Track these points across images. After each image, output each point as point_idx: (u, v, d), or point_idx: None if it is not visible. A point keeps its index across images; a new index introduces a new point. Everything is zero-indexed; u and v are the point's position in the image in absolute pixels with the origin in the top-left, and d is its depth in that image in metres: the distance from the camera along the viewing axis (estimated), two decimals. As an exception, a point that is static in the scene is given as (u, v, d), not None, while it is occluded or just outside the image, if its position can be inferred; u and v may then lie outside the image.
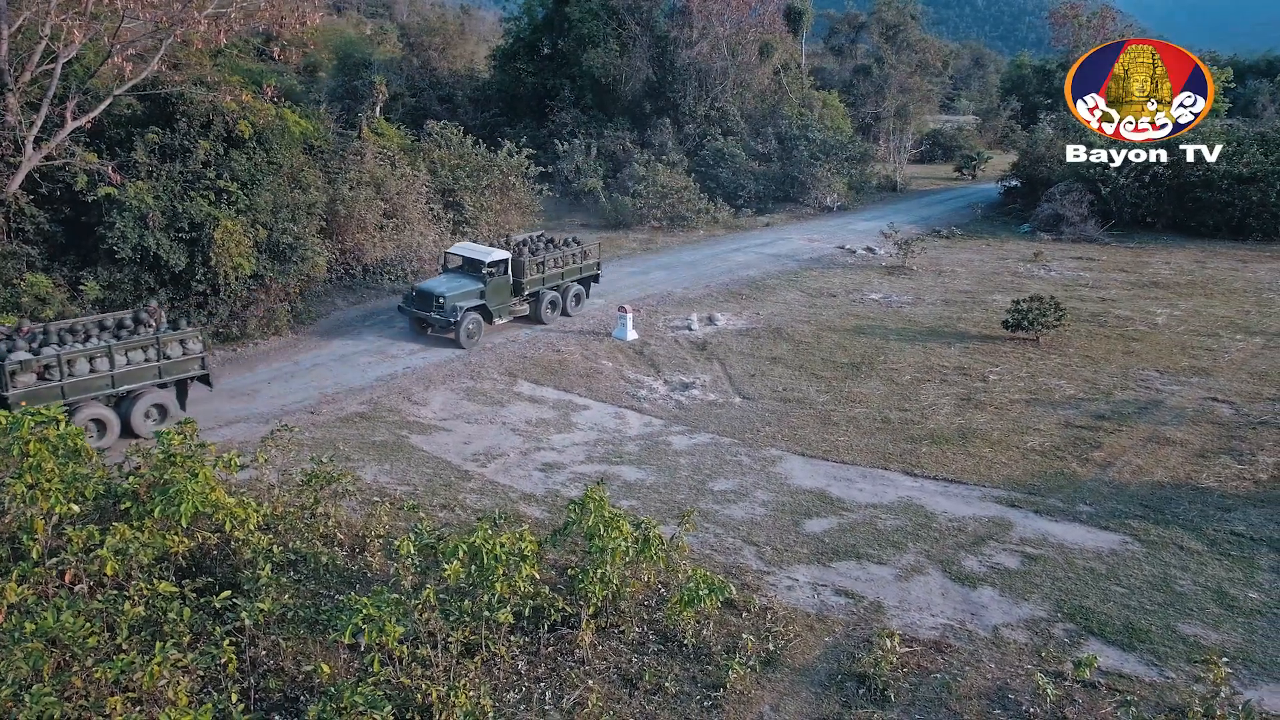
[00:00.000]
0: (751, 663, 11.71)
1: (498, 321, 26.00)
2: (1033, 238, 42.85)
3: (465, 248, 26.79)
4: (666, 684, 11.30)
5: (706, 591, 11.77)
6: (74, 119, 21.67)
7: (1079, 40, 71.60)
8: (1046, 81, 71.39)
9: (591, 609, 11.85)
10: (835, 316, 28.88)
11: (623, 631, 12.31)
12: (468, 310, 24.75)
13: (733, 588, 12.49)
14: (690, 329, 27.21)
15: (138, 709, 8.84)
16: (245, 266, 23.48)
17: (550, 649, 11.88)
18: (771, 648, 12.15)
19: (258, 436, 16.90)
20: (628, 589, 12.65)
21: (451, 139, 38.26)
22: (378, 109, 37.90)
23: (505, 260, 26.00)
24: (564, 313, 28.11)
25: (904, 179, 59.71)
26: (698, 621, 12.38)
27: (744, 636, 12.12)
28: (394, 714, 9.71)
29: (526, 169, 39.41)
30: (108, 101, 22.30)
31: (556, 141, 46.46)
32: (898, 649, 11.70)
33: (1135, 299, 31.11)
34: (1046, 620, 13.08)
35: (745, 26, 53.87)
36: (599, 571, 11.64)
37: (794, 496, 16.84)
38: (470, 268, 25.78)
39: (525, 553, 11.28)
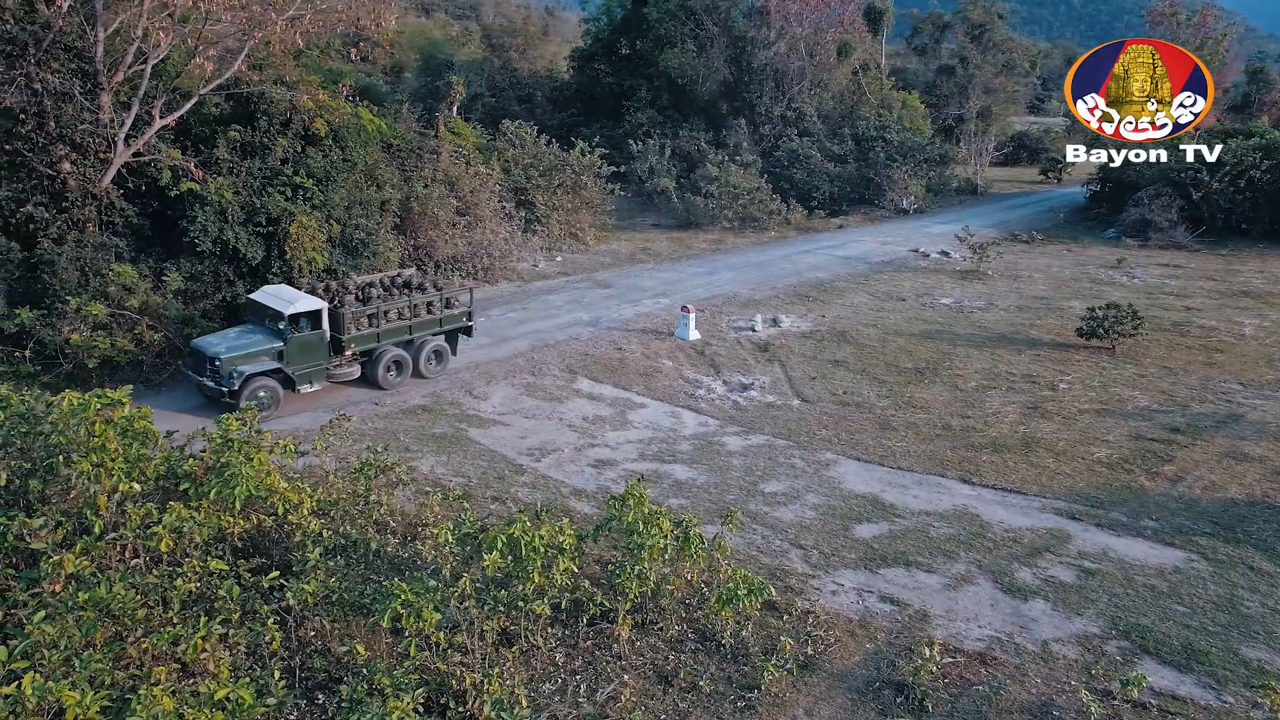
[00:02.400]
0: (788, 665, 11.63)
1: (306, 389, 20.49)
2: (1117, 243, 41.45)
3: (270, 293, 20.99)
4: (701, 683, 11.31)
5: (745, 592, 11.75)
6: (161, 117, 22.68)
7: (1177, 38, 69.04)
8: (1141, 82, 68.87)
9: (628, 604, 11.92)
10: (902, 320, 28.40)
11: (661, 628, 12.35)
12: (254, 375, 19.41)
13: (773, 589, 12.42)
14: (754, 330, 27.08)
15: (186, 680, 9.25)
16: (319, 260, 24.21)
17: (588, 642, 11.99)
18: (810, 651, 12.05)
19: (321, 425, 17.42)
20: (668, 586, 12.70)
21: (525, 138, 38.83)
22: (454, 108, 38.63)
23: (317, 311, 20.45)
24: (418, 373, 22.42)
25: (985, 182, 58.37)
26: (737, 622, 12.35)
27: (782, 639, 12.05)
28: (428, 698, 9.99)
29: (599, 168, 39.75)
30: (194, 100, 23.28)
31: (631, 141, 46.74)
32: (938, 658, 11.50)
33: (1222, 308, 29.86)
34: (1100, 637, 12.69)
35: (824, 26, 53.41)
36: (636, 568, 11.72)
37: (845, 501, 16.65)
38: (271, 319, 20.37)
39: (563, 546, 11.42)
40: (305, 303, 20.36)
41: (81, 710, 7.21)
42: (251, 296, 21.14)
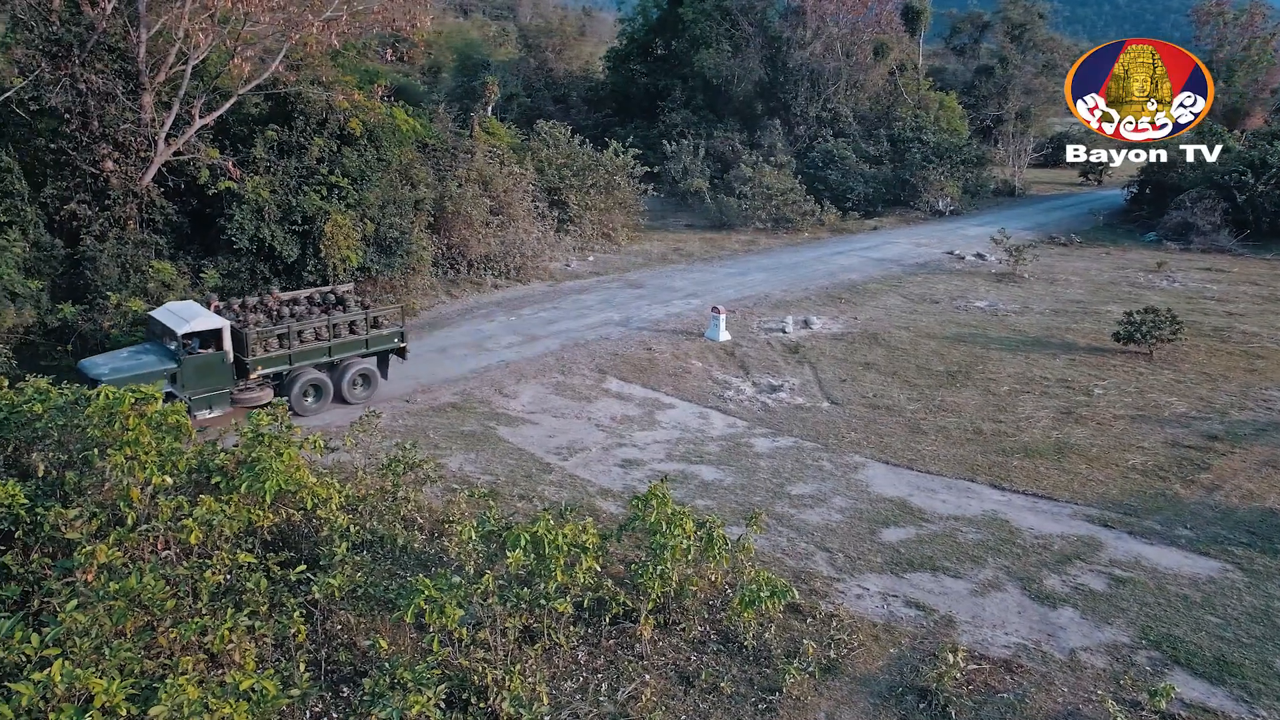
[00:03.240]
0: (811, 669, 11.59)
1: (204, 415, 18.60)
2: (1158, 247, 40.75)
3: (170, 310, 19.42)
4: (723, 684, 11.30)
5: (768, 594, 11.71)
6: (201, 117, 23.10)
7: (1224, 38, 67.71)
8: (1186, 82, 67.50)
9: (650, 604, 11.94)
10: (935, 323, 28.15)
11: (684, 629, 12.35)
12: None
13: (796, 591, 12.36)
14: (784, 331, 26.98)
15: (215, 671, 9.42)
16: (353, 259, 24.52)
17: (611, 641, 12.03)
18: (833, 655, 11.99)
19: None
20: (691, 587, 12.69)
21: (559, 138, 38.99)
22: (489, 108, 38.90)
23: (216, 330, 18.80)
24: (340, 399, 20.56)
25: (1023, 183, 57.65)
26: (759, 624, 12.32)
27: (805, 642, 12.02)
28: (450, 693, 10.08)
29: (632, 169, 39.82)
30: (232, 100, 23.68)
31: (665, 142, 46.77)
32: (962, 664, 11.40)
33: (1265, 313, 29.24)
34: (1130, 647, 12.49)
35: (860, 26, 53.09)
36: (659, 568, 11.73)
37: (873, 504, 16.54)
38: (168, 338, 18.74)
39: (587, 545, 11.47)
40: (202, 321, 18.73)
41: (108, 698, 7.37)
42: (150, 313, 19.60)
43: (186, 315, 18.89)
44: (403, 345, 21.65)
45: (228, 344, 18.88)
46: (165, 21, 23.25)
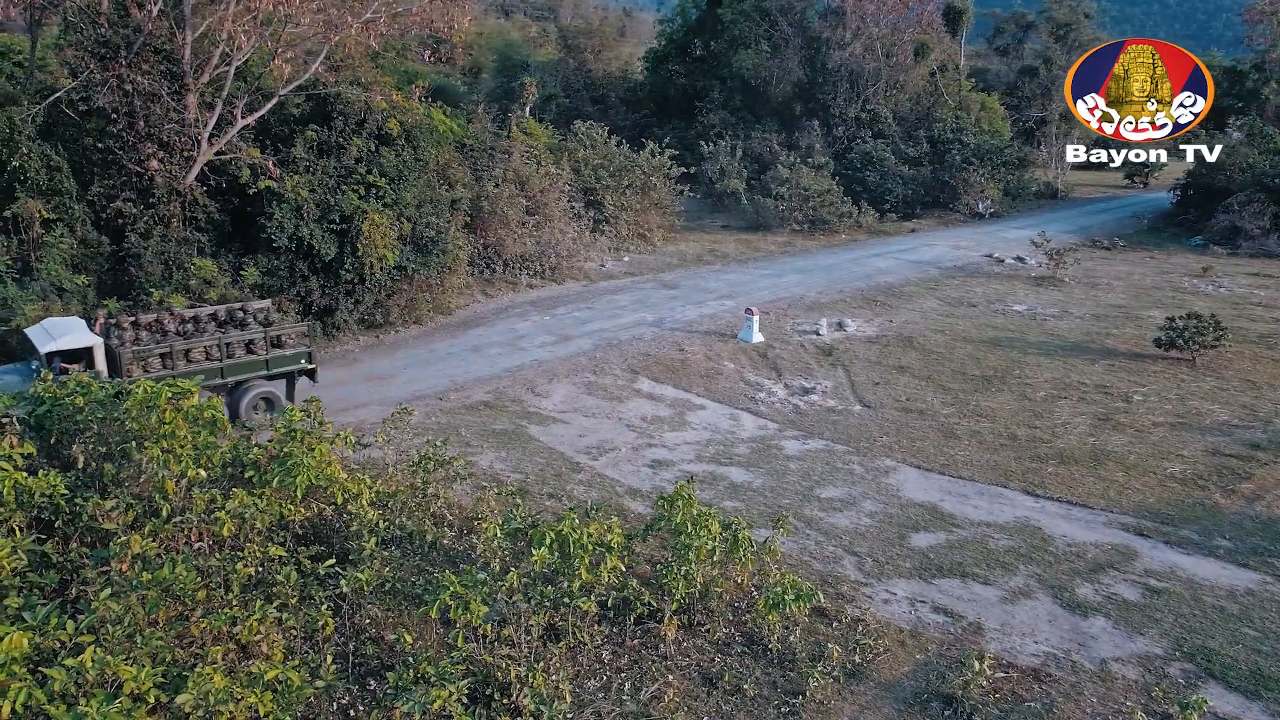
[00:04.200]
0: (835, 673, 11.53)
1: None
2: (1204, 251, 39.94)
3: (46, 326, 17.93)
4: (746, 686, 11.28)
5: (793, 597, 11.69)
6: (243, 117, 23.51)
7: (1277, 38, 66.11)
8: (1238, 83, 65.97)
9: (674, 604, 11.95)
10: (972, 327, 27.84)
11: (709, 630, 12.35)
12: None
13: (821, 595, 12.34)
14: (818, 334, 26.84)
15: (246, 661, 9.60)
16: (389, 257, 24.78)
17: (635, 641, 12.05)
18: (858, 659, 11.92)
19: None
20: (716, 588, 12.69)
21: (596, 139, 39.12)
22: (527, 109, 39.15)
23: (88, 349, 17.27)
24: (236, 421, 18.47)
25: (1065, 186, 56.78)
26: (784, 626, 12.28)
27: (830, 645, 11.96)
28: (474, 689, 10.17)
29: (668, 169, 39.85)
30: (274, 101, 24.07)
31: (703, 143, 46.72)
32: (988, 672, 11.28)
33: (1314, 321, 28.55)
34: (1163, 658, 12.28)
35: (901, 27, 52.57)
36: (683, 568, 11.75)
37: (903, 509, 16.41)
38: (34, 357, 17.37)
39: (612, 544, 11.52)
40: (71, 339, 17.16)
41: (137, 684, 7.55)
42: (26, 330, 18.21)
43: (56, 333, 17.45)
44: (311, 366, 20.07)
45: (100, 363, 17.32)
46: (209, 23, 23.70)
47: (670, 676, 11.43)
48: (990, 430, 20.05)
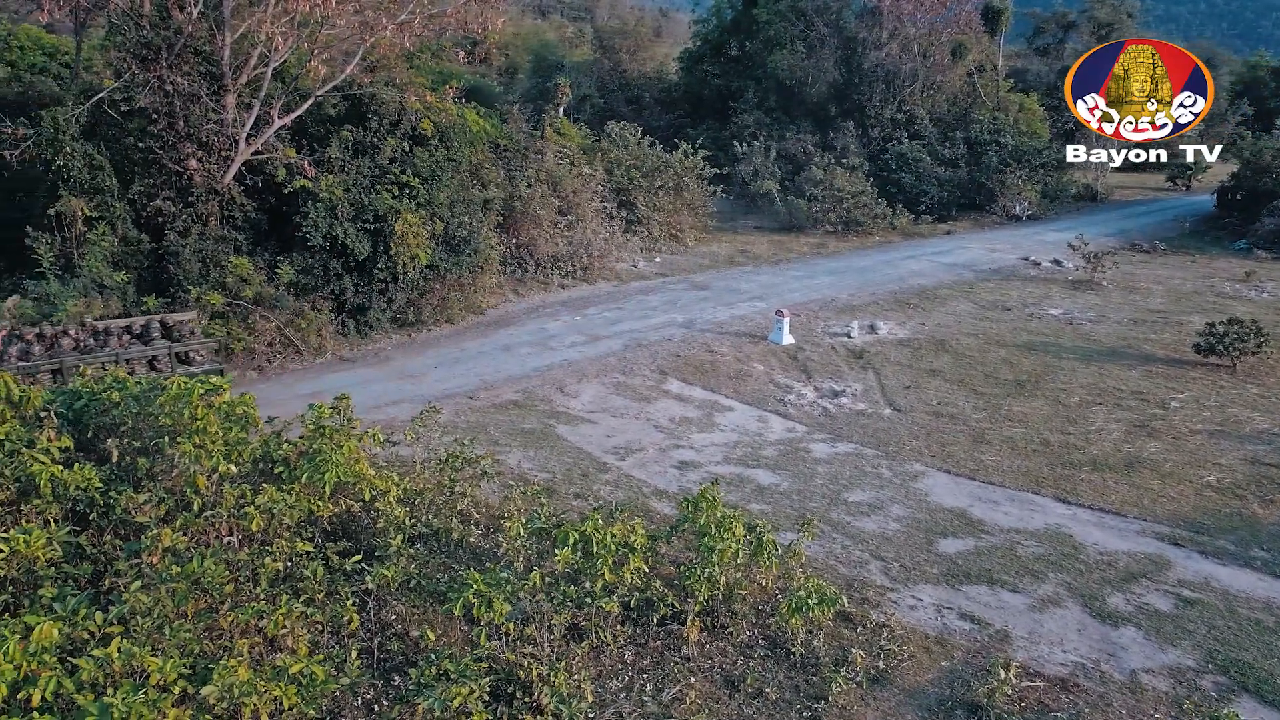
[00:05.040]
0: (858, 678, 11.47)
1: None
2: (1248, 255, 39.13)
3: None
4: (768, 690, 11.25)
5: (816, 601, 11.63)
6: (280, 117, 23.84)
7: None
8: (1287, 84, 64.68)
9: (697, 607, 11.95)
10: (1006, 331, 27.52)
11: (732, 632, 12.33)
12: None
13: (844, 600, 12.25)
14: (849, 336, 26.68)
15: (274, 655, 9.75)
16: (422, 257, 25.01)
17: (658, 642, 12.06)
18: (882, 665, 11.84)
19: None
20: (740, 591, 12.67)
21: (629, 140, 39.19)
22: (560, 109, 39.31)
23: None
24: None
25: (1106, 188, 55.87)
26: (808, 631, 12.22)
27: (854, 651, 11.88)
28: (496, 687, 10.24)
29: (701, 170, 39.82)
30: (310, 101, 24.39)
31: (736, 143, 46.61)
32: (1014, 681, 11.15)
33: (1361, 327, 27.86)
34: (1195, 670, 12.06)
35: (939, 27, 52.05)
36: (706, 570, 11.74)
37: (931, 514, 16.26)
38: None
39: (635, 545, 11.54)
40: None
41: (162, 675, 7.69)
42: None
43: None
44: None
45: None
46: (248, 25, 24.07)
47: (692, 678, 11.42)
48: (1022, 436, 19.81)
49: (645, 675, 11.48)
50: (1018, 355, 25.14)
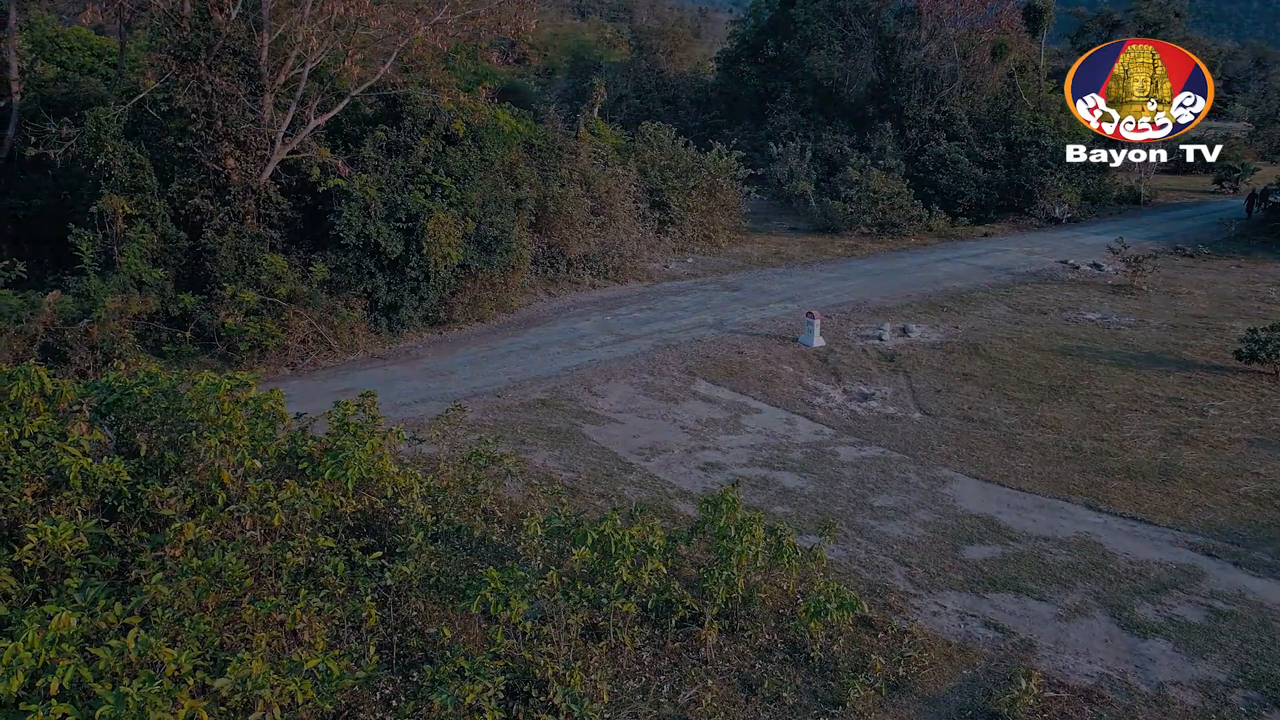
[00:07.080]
0: (877, 684, 11.37)
1: None
2: (1296, 260, 38.21)
3: None
4: (785, 694, 11.20)
5: (836, 606, 11.55)
6: (315, 117, 24.15)
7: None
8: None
9: (715, 609, 11.91)
10: (1042, 335, 27.10)
11: (751, 636, 12.28)
12: None
13: (865, 605, 12.17)
14: (881, 339, 26.44)
15: (294, 649, 9.87)
16: (454, 256, 25.18)
17: (676, 644, 12.05)
18: (902, 672, 11.72)
19: (442, 414, 18.14)
20: (760, 594, 12.62)
21: (663, 140, 39.16)
22: (595, 110, 39.40)
23: None
24: None
25: (1149, 191, 54.78)
26: (827, 635, 12.14)
27: (873, 657, 11.79)
28: (511, 685, 10.29)
29: (735, 170, 39.68)
30: (345, 102, 24.69)
31: (772, 144, 46.39)
32: (1037, 691, 10.99)
33: None
34: (1225, 684, 11.79)
35: (979, 27, 51.38)
36: (724, 573, 11.70)
37: (958, 520, 16.07)
38: None
39: (653, 546, 11.53)
40: None
41: (176, 667, 7.82)
42: None
43: None
44: None
45: None
46: (286, 26, 24.41)
47: (709, 681, 11.39)
48: (1054, 442, 19.50)
49: (662, 677, 11.47)
50: (1052, 360, 24.75)
